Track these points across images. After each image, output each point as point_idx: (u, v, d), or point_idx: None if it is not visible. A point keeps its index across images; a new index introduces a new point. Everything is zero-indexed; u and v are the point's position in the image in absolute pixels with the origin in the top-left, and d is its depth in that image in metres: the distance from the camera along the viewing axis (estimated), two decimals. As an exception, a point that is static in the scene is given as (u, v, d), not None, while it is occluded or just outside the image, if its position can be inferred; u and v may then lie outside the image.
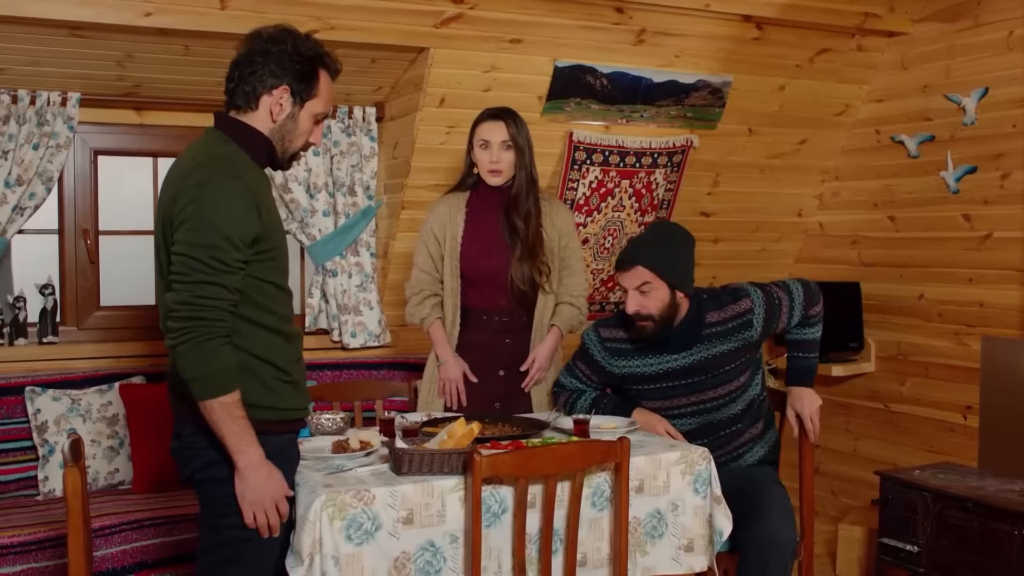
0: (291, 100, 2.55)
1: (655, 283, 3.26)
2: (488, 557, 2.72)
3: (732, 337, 3.39)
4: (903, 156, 4.92)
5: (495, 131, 3.58)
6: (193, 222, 2.38)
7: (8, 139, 4.11)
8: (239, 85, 2.55)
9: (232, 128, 2.56)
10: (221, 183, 2.42)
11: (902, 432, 5.02)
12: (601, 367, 3.53)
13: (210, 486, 2.56)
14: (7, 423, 4.11)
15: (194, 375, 2.39)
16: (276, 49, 2.52)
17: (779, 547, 3.19)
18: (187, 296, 2.37)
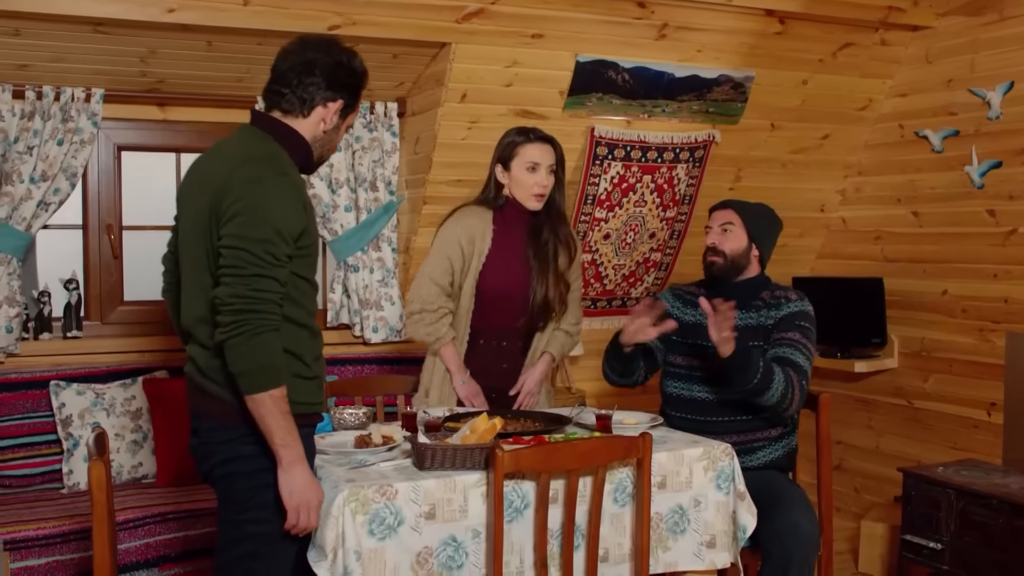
0: (339, 114, 2.64)
1: (737, 227, 3.55)
2: (510, 552, 2.72)
3: (762, 312, 3.53)
4: (927, 151, 4.88)
5: (545, 155, 3.51)
6: (246, 216, 2.42)
7: (33, 135, 4.13)
8: (293, 91, 2.59)
9: (273, 128, 2.61)
10: (273, 179, 2.47)
11: (925, 429, 4.99)
12: (669, 313, 3.65)
13: (229, 481, 2.57)
14: (32, 417, 4.15)
15: (246, 368, 2.40)
16: (334, 63, 2.60)
17: (801, 540, 3.18)
18: (242, 289, 2.39)
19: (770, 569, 3.21)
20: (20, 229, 4.14)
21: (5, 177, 4.11)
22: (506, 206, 3.57)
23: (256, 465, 2.52)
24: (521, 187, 3.51)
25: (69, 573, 3.64)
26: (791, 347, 3.43)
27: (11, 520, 3.68)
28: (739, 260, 3.56)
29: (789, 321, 3.49)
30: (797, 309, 3.52)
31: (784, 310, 3.51)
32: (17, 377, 4.17)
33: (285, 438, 2.44)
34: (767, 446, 3.54)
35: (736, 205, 3.63)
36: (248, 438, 2.51)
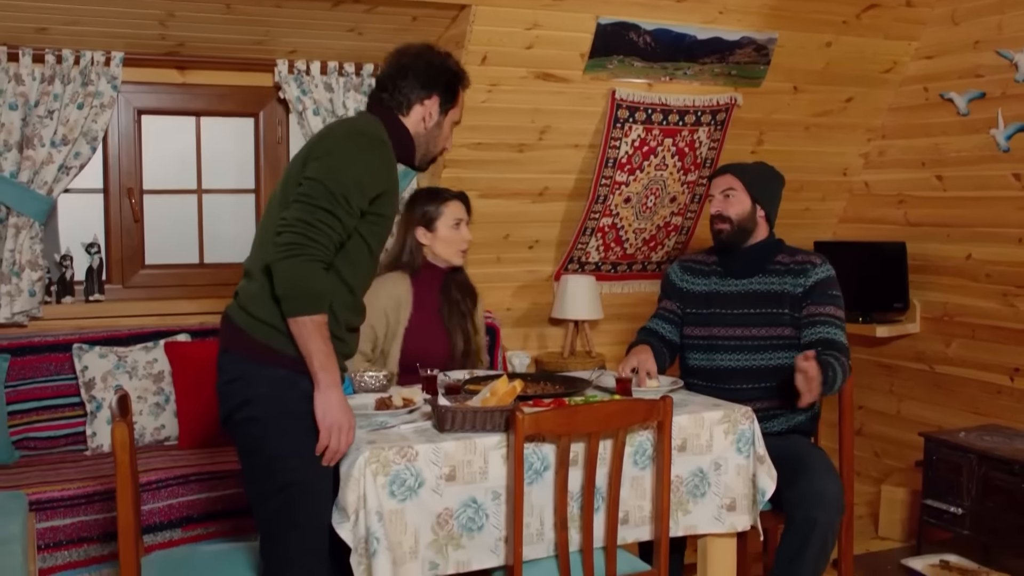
0: (439, 110, 2.80)
1: (739, 191, 3.53)
2: (530, 514, 2.73)
3: (786, 279, 3.51)
4: (952, 114, 4.83)
5: (462, 210, 3.63)
6: (335, 159, 2.56)
7: (53, 99, 4.14)
8: (391, 94, 2.77)
9: (385, 116, 2.76)
10: (369, 140, 2.63)
11: (947, 394, 4.97)
12: (676, 287, 3.70)
13: (245, 427, 2.60)
14: (56, 380, 4.18)
15: (292, 291, 2.47)
16: (426, 64, 2.78)
17: (826, 503, 3.18)
18: (309, 216, 2.48)
19: (794, 533, 3.21)
20: (42, 193, 4.15)
21: (26, 141, 4.12)
22: (422, 268, 3.64)
23: (270, 410, 2.56)
24: (449, 244, 3.60)
25: (93, 533, 3.67)
26: (832, 325, 3.41)
27: (36, 481, 3.71)
28: (746, 223, 3.54)
29: (821, 291, 3.46)
30: (824, 275, 3.49)
31: (812, 277, 3.48)
32: (40, 340, 4.20)
33: (324, 362, 2.50)
34: (788, 411, 3.53)
35: (734, 169, 3.61)
36: (263, 378, 2.56)
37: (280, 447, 2.56)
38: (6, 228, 4.15)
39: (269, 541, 2.63)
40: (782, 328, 3.47)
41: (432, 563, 2.64)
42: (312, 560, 2.61)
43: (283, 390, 2.56)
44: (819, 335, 3.40)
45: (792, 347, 3.44)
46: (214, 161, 4.76)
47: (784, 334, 3.47)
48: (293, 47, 4.47)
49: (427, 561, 2.64)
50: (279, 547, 2.60)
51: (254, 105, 4.72)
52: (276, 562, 2.61)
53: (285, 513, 2.58)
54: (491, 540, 2.70)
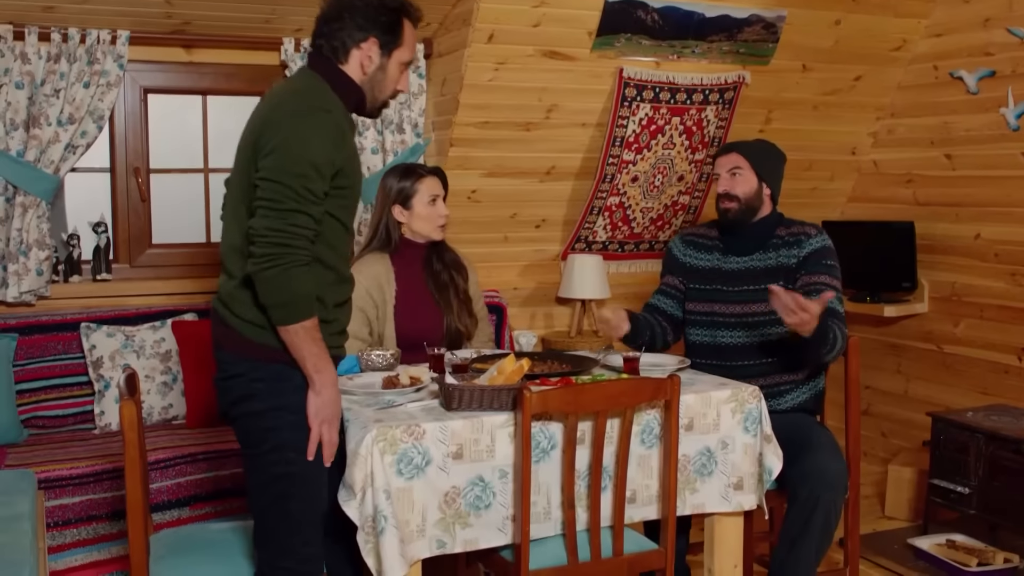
0: (379, 52, 2.63)
1: (745, 170, 3.55)
2: (537, 492, 2.74)
3: (781, 252, 3.53)
4: (962, 92, 4.80)
5: (438, 186, 3.63)
6: (284, 150, 2.44)
7: (59, 77, 4.13)
8: (328, 40, 2.62)
9: (328, 71, 2.62)
10: (312, 114, 2.49)
11: (955, 374, 4.96)
12: (679, 261, 3.73)
13: (245, 421, 2.60)
14: (64, 358, 4.19)
15: (278, 301, 2.44)
16: (361, 3, 2.60)
17: (829, 482, 3.18)
18: (278, 223, 2.41)
19: (797, 511, 3.22)
20: (48, 172, 4.15)
21: (33, 120, 4.12)
22: (401, 246, 3.63)
23: (269, 404, 2.54)
24: (427, 221, 3.60)
25: (102, 511, 3.69)
26: (827, 281, 3.43)
27: (45, 459, 3.73)
28: (753, 202, 3.56)
29: (816, 261, 3.47)
30: (819, 245, 3.51)
31: (806, 247, 3.50)
32: (48, 319, 4.21)
33: (317, 364, 2.49)
34: (794, 389, 3.53)
35: (740, 147, 3.62)
36: (260, 373, 2.54)
37: (278, 439, 2.55)
38: (13, 207, 4.15)
39: (265, 530, 2.63)
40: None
41: (440, 541, 2.65)
42: (309, 550, 2.61)
43: (280, 384, 2.54)
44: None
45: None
46: (220, 140, 4.75)
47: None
48: (300, 25, 4.45)
49: (434, 539, 2.64)
50: (276, 536, 2.60)
51: (261, 83, 4.70)
52: (272, 551, 2.61)
53: (282, 503, 2.57)
54: (498, 518, 2.71)
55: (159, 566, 2.72)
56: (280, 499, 2.58)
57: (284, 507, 2.58)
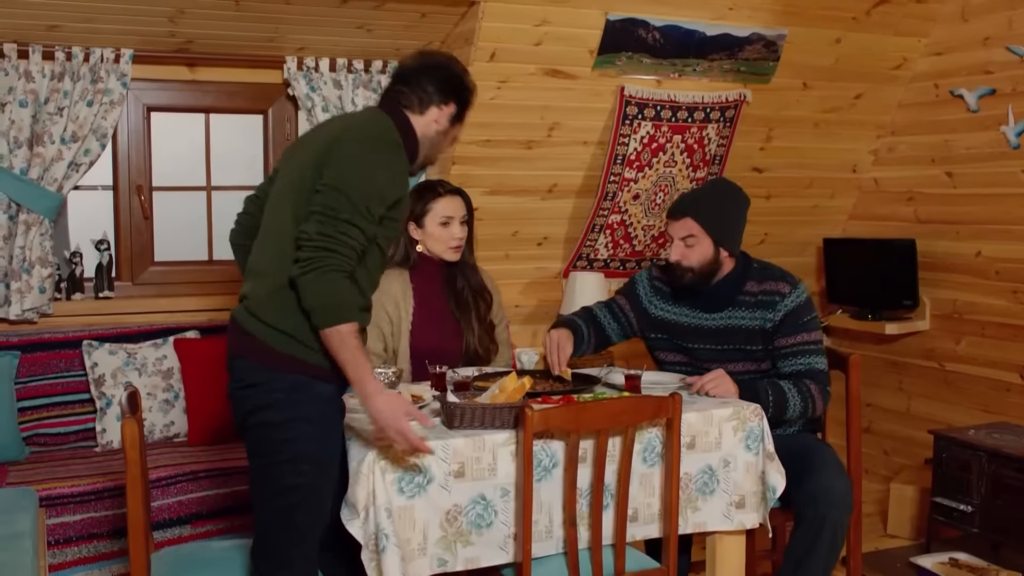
0: (449, 119, 2.80)
1: (700, 237, 3.32)
2: (539, 511, 2.73)
3: (755, 313, 3.35)
4: (962, 110, 4.81)
5: (457, 207, 3.57)
6: (356, 166, 2.55)
7: (63, 96, 4.14)
8: (414, 90, 2.76)
9: (398, 116, 2.73)
10: (386, 147, 2.62)
11: (957, 391, 4.96)
12: (640, 302, 3.55)
13: (261, 431, 2.59)
14: (65, 376, 4.19)
15: (321, 303, 2.47)
16: (452, 72, 2.80)
17: (835, 501, 3.17)
18: (330, 229, 2.47)
19: (804, 531, 3.20)
20: (51, 190, 4.16)
21: (36, 138, 4.13)
22: (420, 263, 3.61)
23: (287, 415, 2.55)
24: (438, 241, 3.56)
25: (103, 529, 3.69)
26: (803, 354, 3.30)
27: (46, 477, 3.73)
28: (710, 267, 3.35)
29: (791, 323, 3.31)
30: (794, 305, 3.32)
31: (781, 310, 3.31)
32: (50, 337, 4.21)
33: (356, 371, 2.50)
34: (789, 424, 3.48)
35: (693, 209, 3.33)
36: (280, 384, 2.55)
37: (294, 451, 2.56)
38: (16, 225, 4.16)
39: (267, 542, 2.63)
40: (758, 363, 3.38)
41: (441, 559, 2.65)
42: (306, 564, 2.61)
43: (299, 395, 2.56)
44: (795, 367, 3.30)
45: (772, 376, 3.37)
46: (223, 158, 4.77)
47: (762, 368, 3.38)
48: (302, 44, 4.47)
49: (436, 558, 2.64)
50: (277, 549, 2.60)
51: (263, 102, 4.73)
52: (272, 563, 2.61)
53: (288, 514, 2.58)
54: (500, 537, 2.71)
55: (160, 585, 2.72)
56: (287, 510, 2.59)
57: (290, 519, 2.59)
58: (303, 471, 2.56)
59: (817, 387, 3.28)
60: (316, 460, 2.57)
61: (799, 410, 3.25)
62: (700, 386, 3.15)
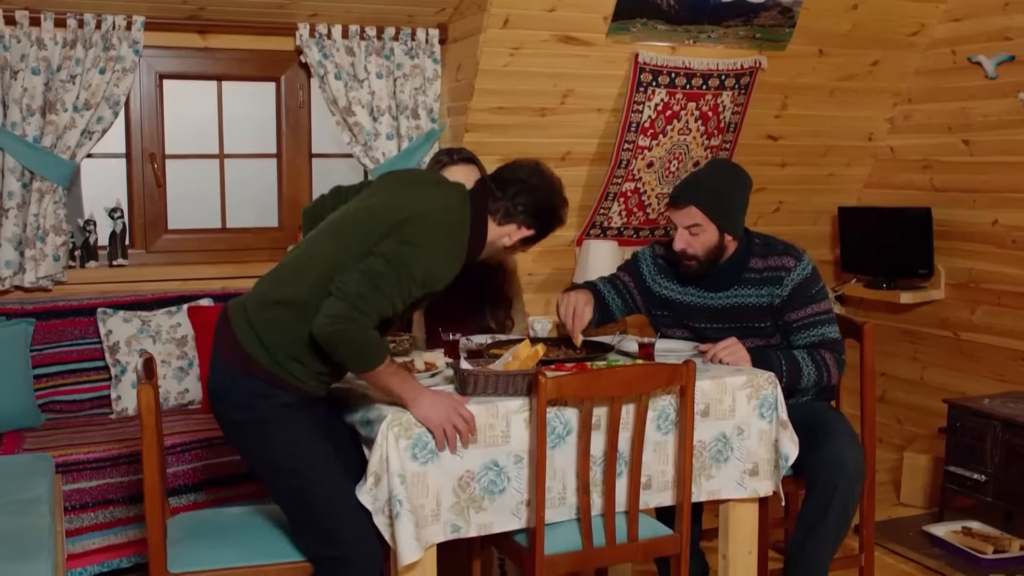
0: (521, 240, 2.85)
1: (705, 226, 3.23)
2: (552, 478, 2.74)
3: (762, 290, 3.30)
4: (980, 77, 4.76)
5: (468, 176, 3.45)
6: (419, 251, 2.60)
7: (75, 63, 4.14)
8: (503, 200, 2.79)
9: (479, 215, 2.77)
10: (456, 236, 2.70)
11: (971, 361, 4.94)
12: (643, 280, 3.51)
13: (236, 431, 2.73)
14: (80, 344, 4.21)
15: (353, 356, 2.55)
16: (548, 200, 2.82)
17: (847, 470, 3.16)
18: (367, 292, 2.52)
19: (815, 499, 3.20)
20: (65, 158, 4.17)
21: (49, 106, 4.13)
22: None
23: (251, 416, 2.65)
24: None
25: (119, 495, 3.71)
26: (815, 325, 3.28)
27: (62, 444, 3.75)
28: (715, 254, 3.27)
29: (800, 296, 3.27)
30: (801, 278, 3.27)
31: (788, 284, 3.26)
32: (65, 305, 4.23)
33: (401, 387, 2.59)
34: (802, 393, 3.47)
35: (696, 197, 3.22)
36: (252, 388, 2.64)
37: (272, 435, 2.66)
38: (30, 193, 4.16)
39: (295, 521, 2.73)
40: (767, 339, 3.35)
41: (454, 526, 2.66)
42: (349, 534, 2.63)
43: (261, 400, 2.64)
44: (809, 339, 3.28)
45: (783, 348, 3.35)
46: (236, 126, 4.76)
47: (771, 344, 3.35)
48: (314, 10, 4.45)
49: (449, 524, 2.65)
50: (311, 524, 2.66)
51: (275, 69, 4.71)
52: (313, 538, 2.67)
53: (300, 494, 2.65)
54: (513, 503, 2.71)
55: (176, 550, 2.73)
56: (295, 491, 2.65)
57: (304, 496, 2.64)
58: (290, 453, 2.64)
59: (832, 356, 3.26)
60: (295, 440, 2.65)
61: (813, 379, 3.24)
62: (713, 354, 3.15)
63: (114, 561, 3.71)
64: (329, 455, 2.69)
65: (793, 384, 3.22)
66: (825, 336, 3.28)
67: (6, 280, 4.18)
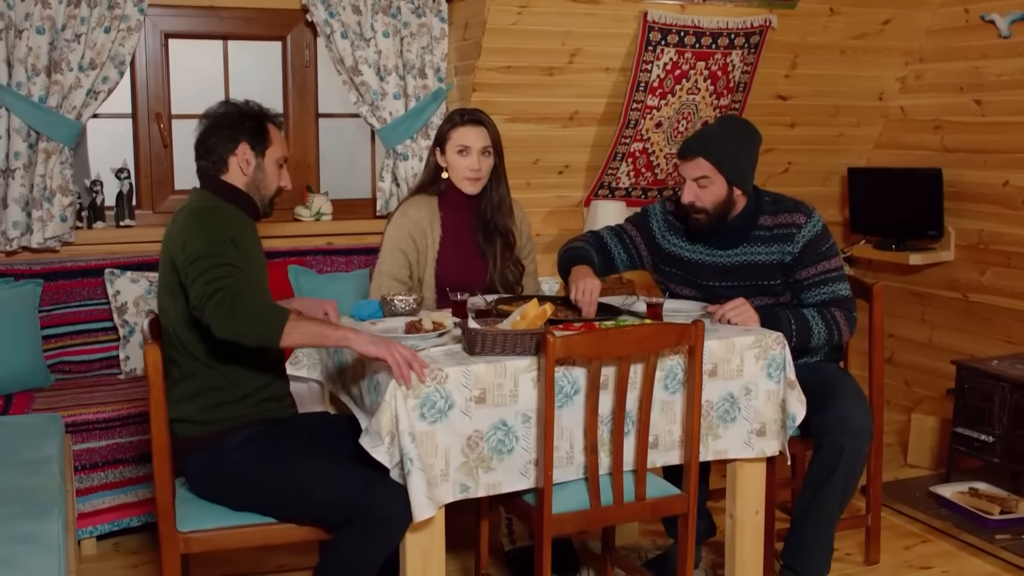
0: (252, 153, 2.88)
1: (714, 178, 3.22)
2: (560, 437, 2.74)
3: (772, 247, 3.30)
4: (993, 36, 4.71)
5: (477, 137, 3.44)
6: (197, 237, 2.72)
7: (80, 22, 4.11)
8: (207, 157, 2.90)
9: (211, 183, 2.90)
10: (211, 213, 2.81)
11: (980, 322, 4.92)
12: (652, 235, 3.49)
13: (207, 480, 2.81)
14: (88, 304, 4.21)
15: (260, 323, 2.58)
16: (223, 116, 2.91)
17: (855, 430, 3.16)
18: (210, 279, 2.61)
19: (822, 459, 3.20)
20: (71, 118, 4.15)
21: (54, 65, 4.10)
22: (449, 191, 3.54)
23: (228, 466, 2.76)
24: (454, 171, 3.48)
25: (128, 455, 3.73)
26: (826, 283, 3.27)
27: (71, 404, 3.76)
28: (723, 208, 3.27)
29: (811, 253, 3.27)
30: (811, 235, 3.27)
31: (799, 241, 3.26)
32: (73, 265, 4.23)
33: (332, 332, 2.62)
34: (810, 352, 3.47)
35: (705, 150, 3.22)
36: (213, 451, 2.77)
37: (243, 457, 2.76)
38: (36, 153, 4.15)
39: (312, 511, 2.74)
40: (777, 298, 3.34)
41: (463, 485, 2.66)
42: (384, 507, 2.62)
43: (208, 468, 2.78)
44: (820, 296, 3.27)
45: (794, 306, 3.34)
46: (241, 86, 4.73)
47: (781, 302, 3.34)
48: (320, -31, 4.41)
49: (458, 483, 2.66)
50: (330, 507, 2.68)
51: (281, 28, 4.68)
52: (339, 519, 2.68)
53: (302, 494, 2.70)
54: (521, 463, 2.72)
55: (185, 509, 2.75)
56: (298, 492, 2.70)
57: (306, 493, 2.69)
58: (271, 475, 2.72)
59: (843, 313, 3.25)
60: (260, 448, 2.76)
61: (824, 337, 3.23)
62: (721, 315, 3.14)
63: (124, 520, 3.74)
64: (304, 448, 2.81)
65: (803, 344, 3.21)
66: (836, 293, 3.27)
67: (14, 241, 4.17)
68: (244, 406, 2.81)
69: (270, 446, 2.78)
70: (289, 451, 2.78)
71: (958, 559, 3.75)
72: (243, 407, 2.80)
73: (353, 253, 4.64)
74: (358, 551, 2.64)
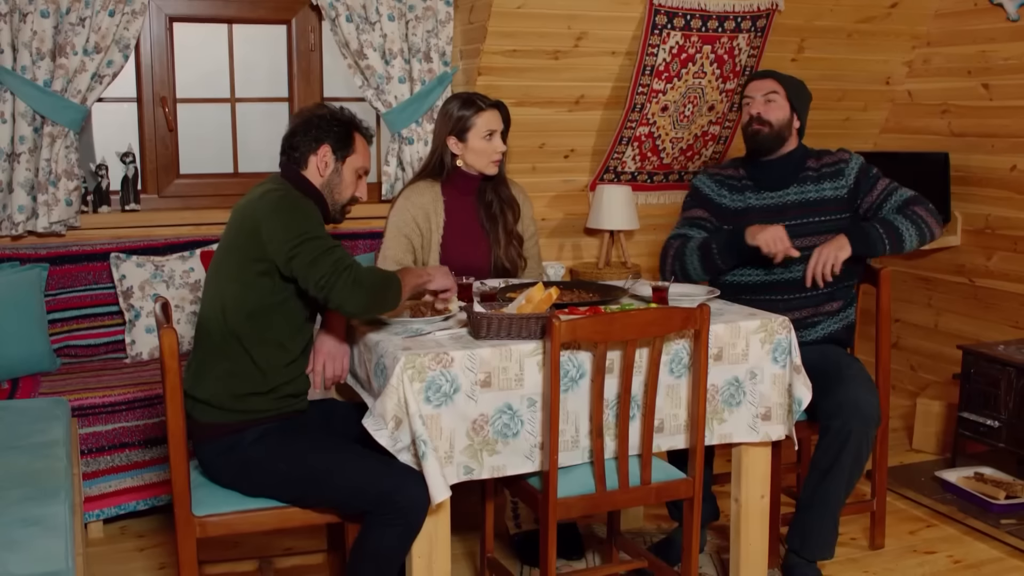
0: (333, 157, 2.92)
1: (780, 96, 3.51)
2: (565, 421, 2.74)
3: (823, 184, 3.51)
4: (1001, 20, 4.68)
5: (498, 120, 3.53)
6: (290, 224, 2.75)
7: (85, 5, 4.10)
8: (290, 152, 2.94)
9: (292, 175, 2.93)
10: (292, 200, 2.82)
11: (987, 307, 4.91)
12: (711, 200, 3.62)
13: (225, 472, 2.81)
14: (94, 289, 4.21)
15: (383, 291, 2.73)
16: (315, 117, 2.94)
17: (862, 414, 3.17)
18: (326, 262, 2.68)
19: (828, 443, 3.21)
20: (76, 102, 4.14)
21: (59, 49, 4.10)
22: (453, 175, 3.56)
23: (247, 457, 2.77)
24: (481, 156, 3.52)
25: (135, 439, 3.74)
26: (891, 194, 3.49)
27: (78, 388, 3.77)
28: (783, 131, 3.50)
29: (865, 179, 3.53)
30: (858, 166, 3.54)
31: (851, 175, 3.52)
32: (78, 250, 4.23)
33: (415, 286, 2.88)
34: (825, 320, 3.50)
35: (775, 74, 3.59)
36: (232, 441, 2.78)
37: (260, 455, 2.77)
38: (41, 137, 4.15)
39: (338, 500, 2.75)
40: (828, 236, 3.42)
41: (467, 467, 2.67)
42: (408, 490, 2.63)
43: (230, 455, 2.78)
44: (894, 204, 3.47)
45: None
46: (247, 69, 4.73)
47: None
48: (325, -48, 4.40)
49: (462, 466, 2.66)
50: (356, 496, 2.69)
51: (286, 12, 4.67)
52: (366, 505, 2.68)
53: (323, 479, 2.71)
54: (526, 446, 2.72)
55: (199, 493, 2.75)
56: (317, 481, 2.71)
57: (329, 480, 2.70)
58: (290, 466, 2.74)
59: (922, 208, 3.44)
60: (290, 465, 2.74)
61: (915, 239, 3.40)
62: (811, 275, 3.33)
63: (130, 504, 3.75)
64: (321, 437, 2.82)
65: (897, 247, 3.39)
66: (906, 195, 3.47)
67: (19, 225, 4.17)
68: (268, 400, 2.81)
69: (288, 439, 2.79)
70: (306, 441, 2.79)
71: (963, 544, 3.75)
72: (267, 400, 2.81)
73: (358, 237, 4.63)
74: (386, 543, 2.66)
